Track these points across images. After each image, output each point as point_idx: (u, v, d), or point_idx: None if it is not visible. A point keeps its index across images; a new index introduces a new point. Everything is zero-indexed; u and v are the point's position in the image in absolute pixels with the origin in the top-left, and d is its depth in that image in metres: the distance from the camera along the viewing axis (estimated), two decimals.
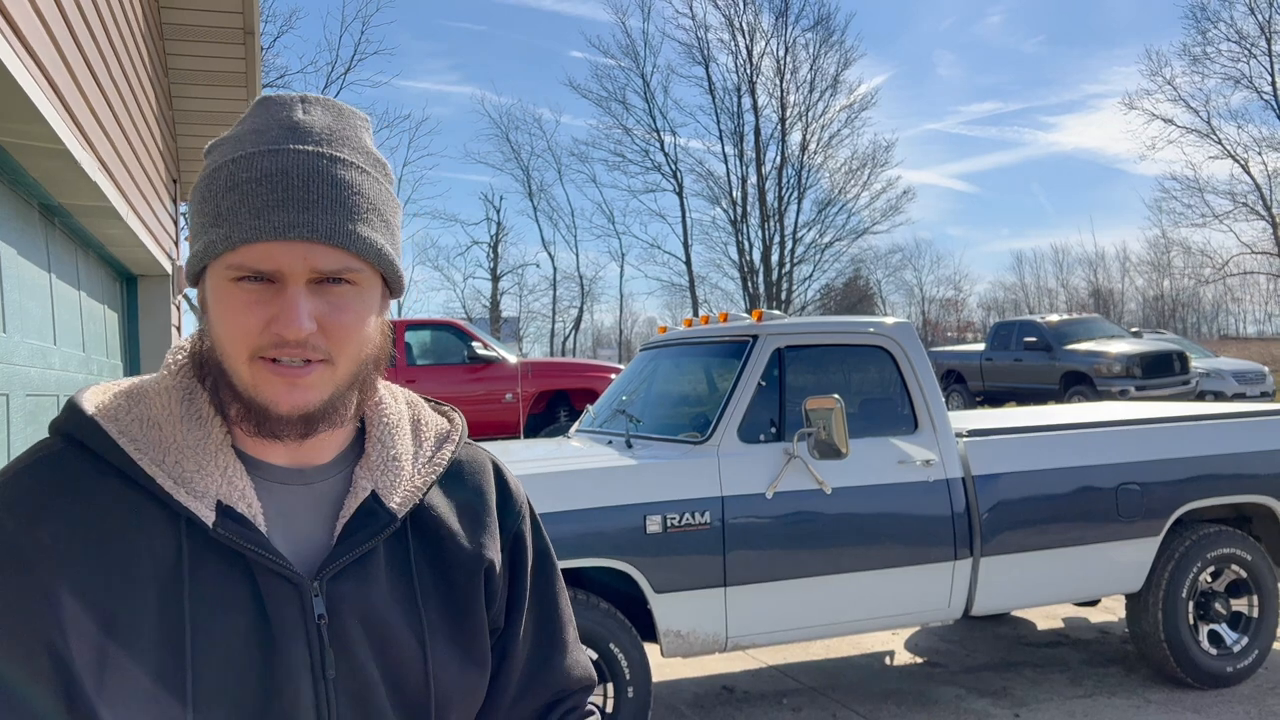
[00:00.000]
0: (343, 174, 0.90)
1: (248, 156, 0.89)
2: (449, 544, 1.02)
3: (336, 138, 0.92)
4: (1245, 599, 4.82)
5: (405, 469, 1.01)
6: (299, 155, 0.89)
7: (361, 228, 0.90)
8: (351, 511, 0.95)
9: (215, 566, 0.88)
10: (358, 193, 0.91)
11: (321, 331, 0.89)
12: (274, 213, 0.86)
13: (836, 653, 5.53)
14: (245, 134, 0.91)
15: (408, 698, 0.96)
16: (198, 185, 0.93)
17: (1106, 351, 16.15)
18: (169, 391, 0.94)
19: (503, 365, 11.59)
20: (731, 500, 3.97)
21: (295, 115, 0.92)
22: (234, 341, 0.88)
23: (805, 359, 4.44)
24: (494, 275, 41.23)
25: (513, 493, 1.11)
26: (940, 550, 4.25)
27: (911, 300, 51.23)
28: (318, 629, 0.90)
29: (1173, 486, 4.64)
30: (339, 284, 0.90)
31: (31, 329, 3.59)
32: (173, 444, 0.90)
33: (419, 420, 1.07)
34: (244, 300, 0.88)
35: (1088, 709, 4.48)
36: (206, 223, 0.89)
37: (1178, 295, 48.26)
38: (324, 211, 0.88)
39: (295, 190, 0.87)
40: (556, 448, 4.70)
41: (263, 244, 0.86)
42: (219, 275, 0.89)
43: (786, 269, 38.66)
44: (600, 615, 3.75)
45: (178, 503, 0.87)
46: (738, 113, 38.41)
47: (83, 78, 3.55)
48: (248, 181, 0.87)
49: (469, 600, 1.02)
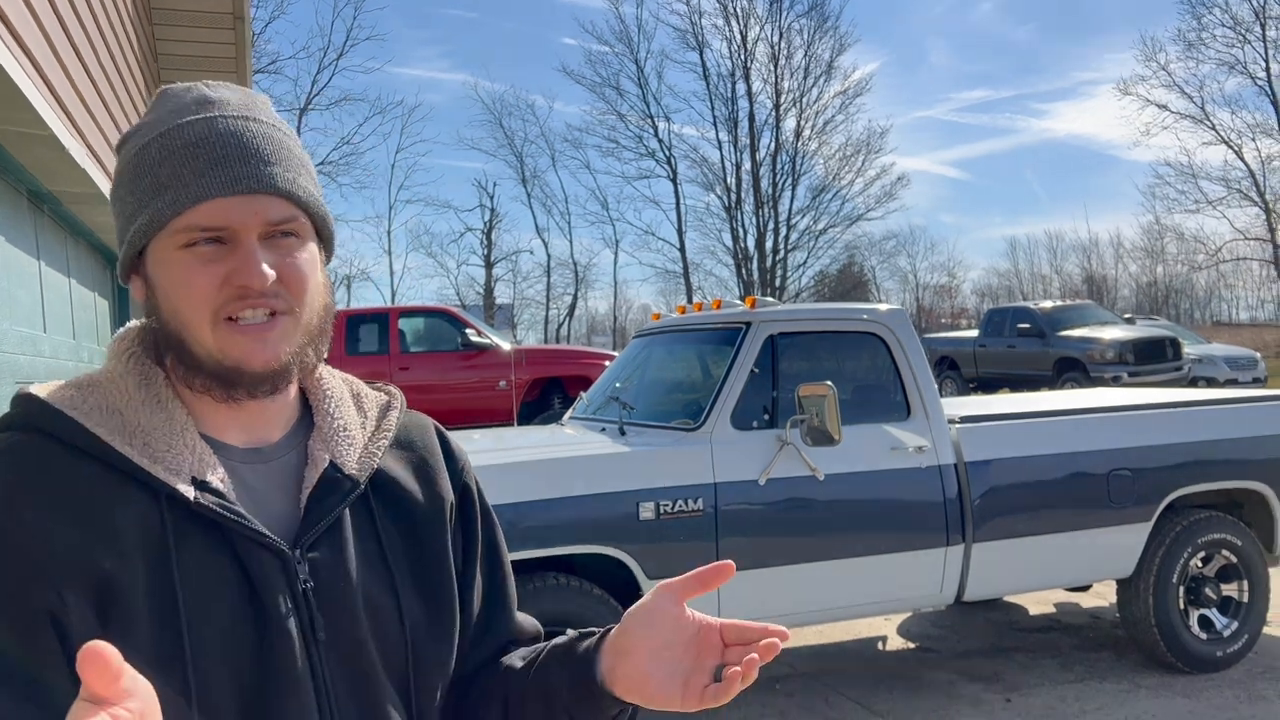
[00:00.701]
0: (269, 133, 0.95)
1: (174, 128, 0.91)
2: (409, 503, 1.05)
3: (249, 106, 0.96)
4: (1235, 584, 4.84)
5: (356, 437, 1.04)
6: (224, 120, 0.92)
7: (298, 178, 0.95)
8: (314, 482, 0.98)
9: (199, 539, 0.89)
10: (284, 148, 0.95)
11: (280, 281, 0.92)
12: (217, 170, 0.89)
13: (830, 638, 5.55)
14: (160, 116, 0.94)
15: (390, 654, 0.99)
16: (122, 173, 0.94)
17: (1099, 338, 16.19)
18: (123, 378, 0.94)
19: (496, 352, 11.59)
20: (724, 487, 3.97)
21: (205, 93, 0.95)
22: (194, 306, 0.90)
23: (798, 346, 4.44)
24: (488, 262, 41.16)
25: (455, 451, 1.15)
26: (933, 536, 4.27)
27: (906, 286, 51.26)
28: (304, 595, 0.93)
29: (1164, 472, 4.66)
30: (285, 237, 0.93)
31: (21, 316, 3.58)
32: (137, 427, 0.91)
33: (358, 394, 1.10)
34: (198, 262, 0.90)
35: (1079, 693, 4.51)
36: (145, 198, 0.91)
37: (1171, 281, 48.37)
38: (262, 163, 0.92)
39: (231, 148, 0.91)
40: (550, 435, 4.70)
41: (211, 201, 0.89)
42: (165, 247, 0.91)
43: (781, 255, 38.66)
44: (594, 601, 3.76)
45: (157, 479, 0.88)
46: (732, 99, 38.35)
47: (71, 65, 3.53)
48: (183, 148, 0.90)
49: (437, 554, 1.06)
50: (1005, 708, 4.37)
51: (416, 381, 11.39)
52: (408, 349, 11.68)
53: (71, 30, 3.54)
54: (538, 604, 3.67)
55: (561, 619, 3.71)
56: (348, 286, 40.85)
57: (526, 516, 3.68)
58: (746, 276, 38.34)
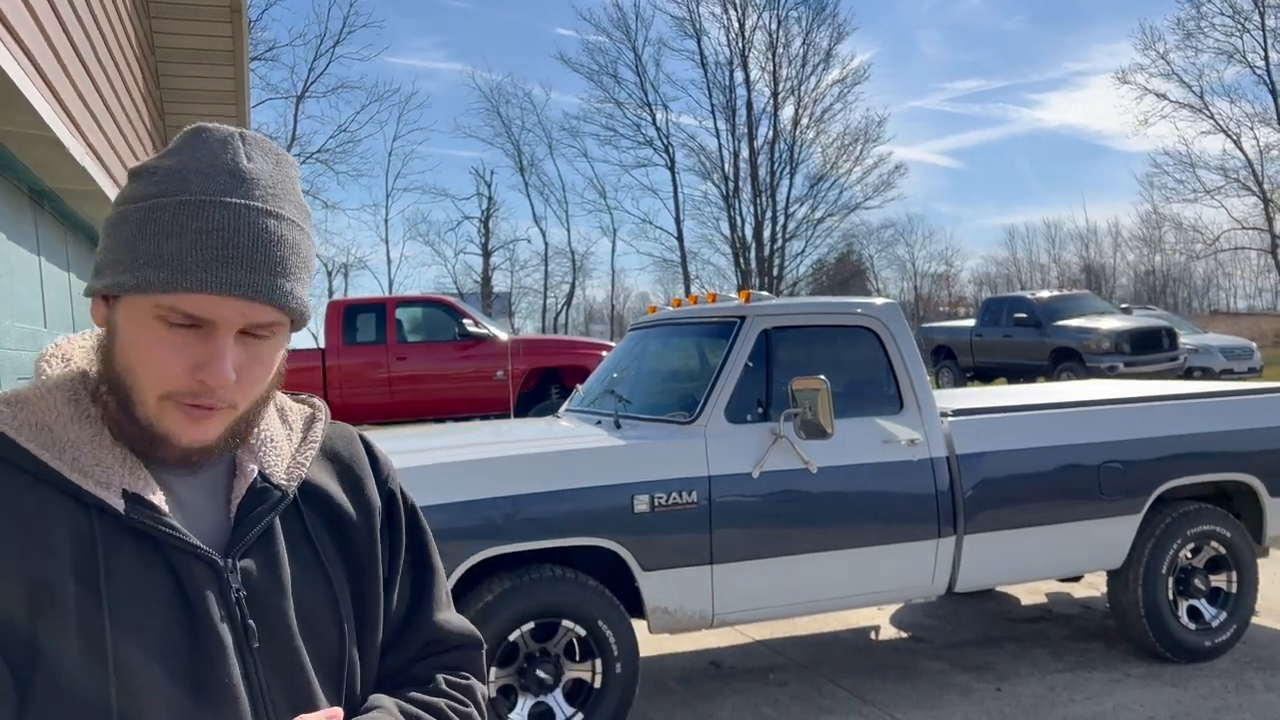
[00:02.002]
0: (285, 233, 0.94)
1: (196, 204, 0.90)
2: (338, 511, 1.09)
3: (278, 190, 0.96)
4: (1224, 575, 4.90)
5: (283, 448, 1.07)
6: (247, 211, 0.92)
7: (296, 287, 0.96)
8: (243, 492, 1.01)
9: (130, 552, 0.91)
10: (295, 251, 0.96)
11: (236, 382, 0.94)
12: (222, 269, 0.89)
13: (823, 628, 5.61)
14: (188, 174, 0.92)
15: (324, 659, 1.02)
16: (127, 213, 0.93)
17: (1096, 328, 16.22)
18: (52, 394, 0.95)
19: (493, 342, 11.61)
20: (718, 480, 4.02)
21: (240, 162, 0.94)
22: (151, 379, 0.92)
23: (792, 340, 4.48)
24: (485, 250, 41.15)
25: (380, 458, 1.18)
26: (924, 528, 4.32)
27: (904, 275, 51.27)
28: (237, 603, 0.95)
29: (1154, 465, 4.71)
30: (259, 338, 0.95)
31: (22, 313, 3.61)
32: (67, 442, 0.92)
33: (283, 408, 1.12)
34: (171, 343, 0.91)
35: (1068, 683, 4.57)
36: (140, 260, 0.91)
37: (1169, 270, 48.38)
38: (267, 273, 0.92)
39: (243, 250, 0.91)
40: (546, 427, 4.74)
41: (205, 295, 0.89)
42: (143, 309, 0.91)
43: (778, 245, 38.66)
44: (588, 593, 3.81)
45: (87, 492, 0.90)
46: (730, 87, 38.30)
47: (70, 64, 3.55)
48: (196, 232, 0.90)
49: (366, 558, 1.09)
50: (996, 697, 4.43)
51: (413, 371, 11.43)
52: (405, 339, 11.71)
53: (70, 28, 3.56)
54: (533, 595, 3.72)
55: (557, 610, 3.77)
56: (345, 275, 40.87)
57: (523, 509, 3.73)
58: (744, 265, 38.33)
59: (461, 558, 3.61)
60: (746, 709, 4.41)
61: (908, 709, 4.32)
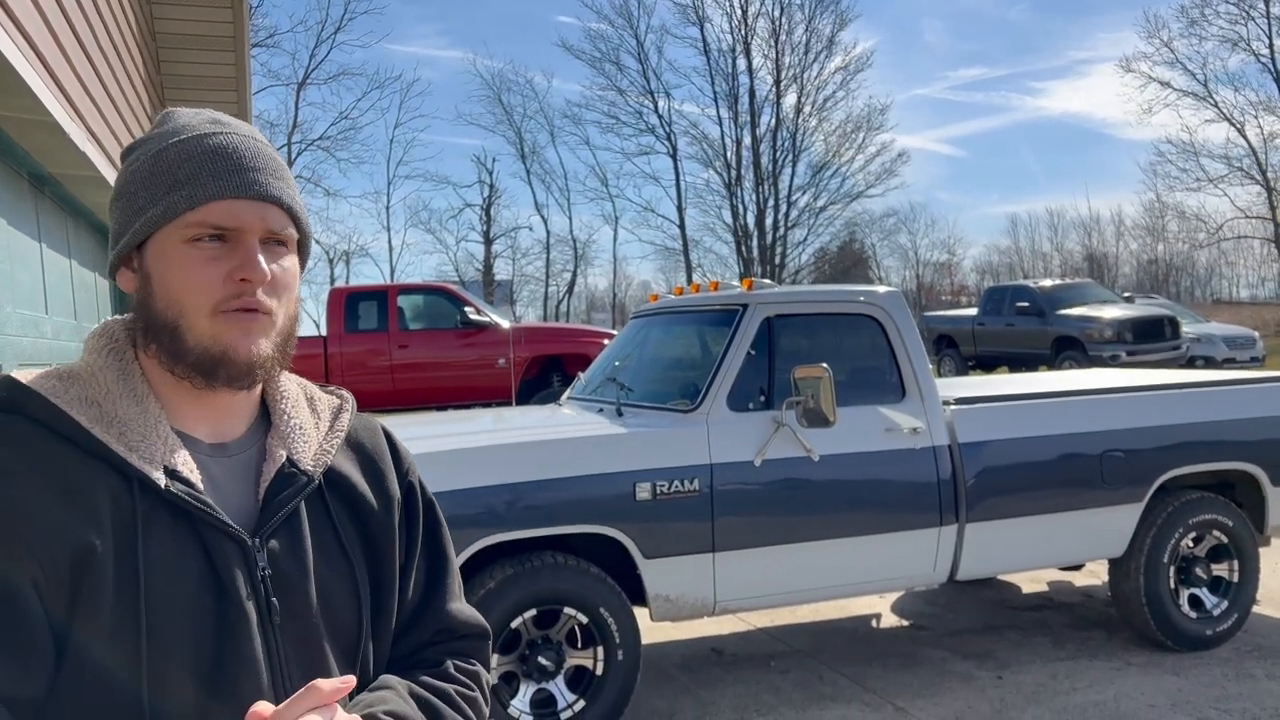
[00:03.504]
0: (274, 155, 1.07)
1: (195, 137, 1.02)
2: (360, 499, 1.14)
3: (255, 133, 1.07)
4: (1226, 564, 4.90)
5: (311, 436, 1.12)
6: (238, 137, 1.04)
7: (296, 195, 1.07)
8: (272, 476, 1.06)
9: (166, 524, 0.96)
10: (286, 170, 1.07)
11: (270, 284, 1.01)
12: (234, 175, 1.00)
13: (824, 616, 5.61)
14: (175, 128, 1.04)
15: (341, 639, 1.07)
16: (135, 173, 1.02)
17: (1098, 317, 16.19)
18: (102, 372, 1.01)
19: (495, 330, 11.61)
20: (720, 468, 4.02)
21: (213, 115, 1.06)
22: (196, 295, 0.98)
23: (795, 328, 4.47)
24: (487, 238, 41.09)
25: (401, 451, 1.24)
26: (926, 516, 4.31)
27: (906, 264, 51.21)
28: (263, 581, 1.00)
29: (1156, 454, 4.70)
30: (277, 245, 1.04)
31: (23, 298, 3.60)
32: (114, 418, 0.97)
33: (312, 398, 1.18)
34: (204, 257, 0.99)
35: (1069, 671, 4.58)
36: (160, 192, 0.99)
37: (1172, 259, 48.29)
38: (272, 177, 1.03)
39: (248, 160, 1.02)
40: (549, 415, 4.74)
41: (225, 201, 0.98)
42: (172, 240, 0.99)
43: (781, 233, 38.58)
44: (590, 580, 3.81)
45: (132, 466, 0.94)
46: (732, 74, 38.15)
47: (70, 48, 3.54)
48: (202, 153, 1.00)
49: (385, 546, 1.15)
50: (997, 685, 4.44)
51: (415, 359, 11.42)
52: (406, 327, 11.70)
53: (70, 12, 3.54)
54: (535, 583, 3.72)
55: (559, 598, 3.77)
56: (347, 262, 40.83)
57: (525, 496, 3.73)
58: (746, 254, 38.27)
59: (464, 545, 3.61)
60: (748, 696, 4.42)
61: (909, 697, 4.33)
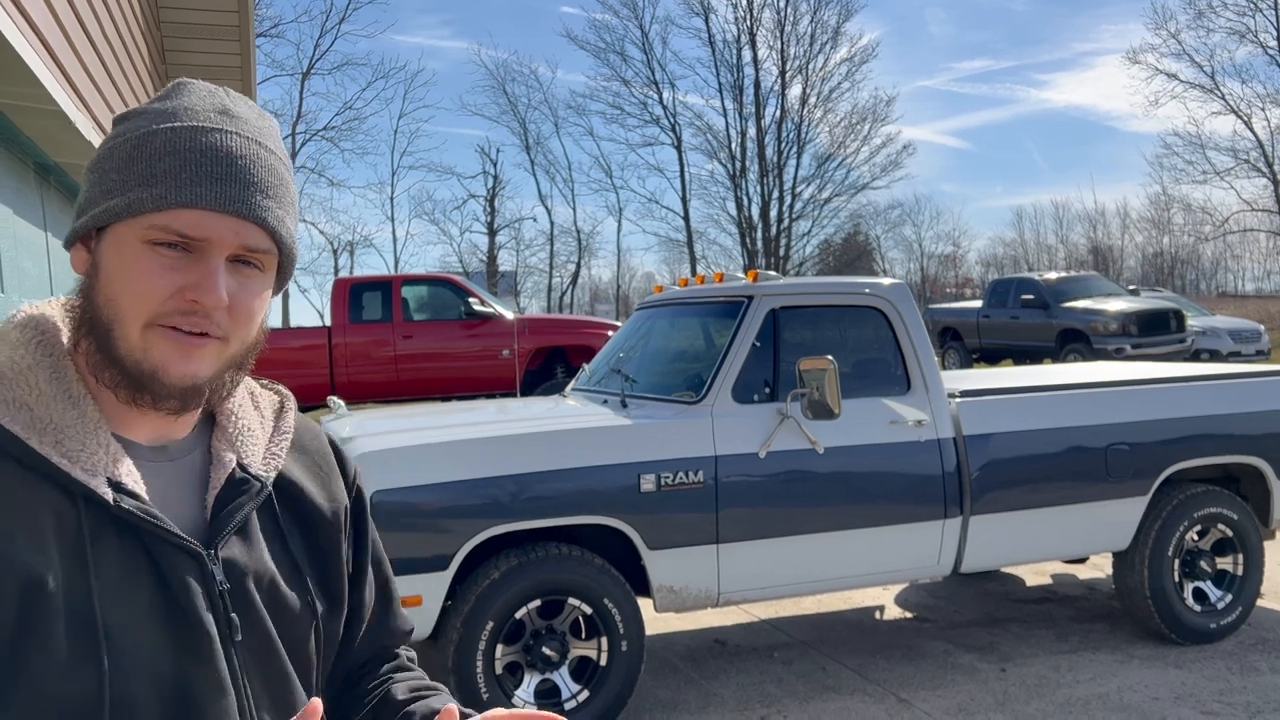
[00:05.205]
0: (275, 165, 0.95)
1: (189, 129, 0.91)
2: (310, 504, 1.07)
3: (264, 131, 0.96)
4: (1230, 557, 4.89)
5: (259, 437, 1.04)
6: (239, 138, 0.92)
7: (287, 218, 0.96)
8: (221, 482, 0.98)
9: (114, 542, 0.87)
10: (285, 186, 0.96)
11: (228, 309, 0.91)
12: (218, 184, 0.89)
13: (827, 607, 5.62)
14: (176, 109, 0.93)
15: (298, 652, 1.01)
16: (116, 148, 0.92)
17: (1103, 309, 16.16)
18: (31, 371, 0.89)
19: (499, 321, 11.61)
20: (725, 459, 4.02)
21: (226, 104, 0.95)
22: (135, 303, 0.88)
23: (799, 320, 4.47)
24: (491, 229, 41.05)
25: (345, 455, 1.17)
26: (931, 509, 4.31)
27: (911, 256, 51.17)
28: (221, 596, 0.93)
29: (1161, 447, 4.70)
30: (249, 266, 0.93)
31: (29, 288, 3.61)
32: (49, 424, 0.87)
33: (253, 392, 1.10)
34: (160, 264, 0.88)
35: (1073, 664, 4.58)
36: (133, 182, 0.89)
37: (1177, 252, 48.22)
38: (261, 194, 0.92)
39: (238, 168, 0.91)
40: (553, 406, 4.74)
41: (198, 210, 0.88)
42: (130, 235, 0.89)
43: (785, 225, 38.51)
44: (595, 571, 3.81)
45: (76, 481, 0.85)
46: (737, 65, 38.08)
47: (76, 38, 3.53)
48: (191, 150, 0.89)
49: (334, 554, 1.09)
50: (1000, 677, 4.44)
51: (420, 350, 11.43)
52: (411, 317, 11.70)
53: (78, 4, 3.54)
54: (540, 573, 3.73)
55: (563, 588, 3.78)
56: (351, 253, 40.85)
57: (530, 487, 3.73)
58: (751, 246, 38.22)
59: (468, 536, 3.62)
60: (751, 687, 4.43)
61: (912, 689, 4.34)
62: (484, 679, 3.66)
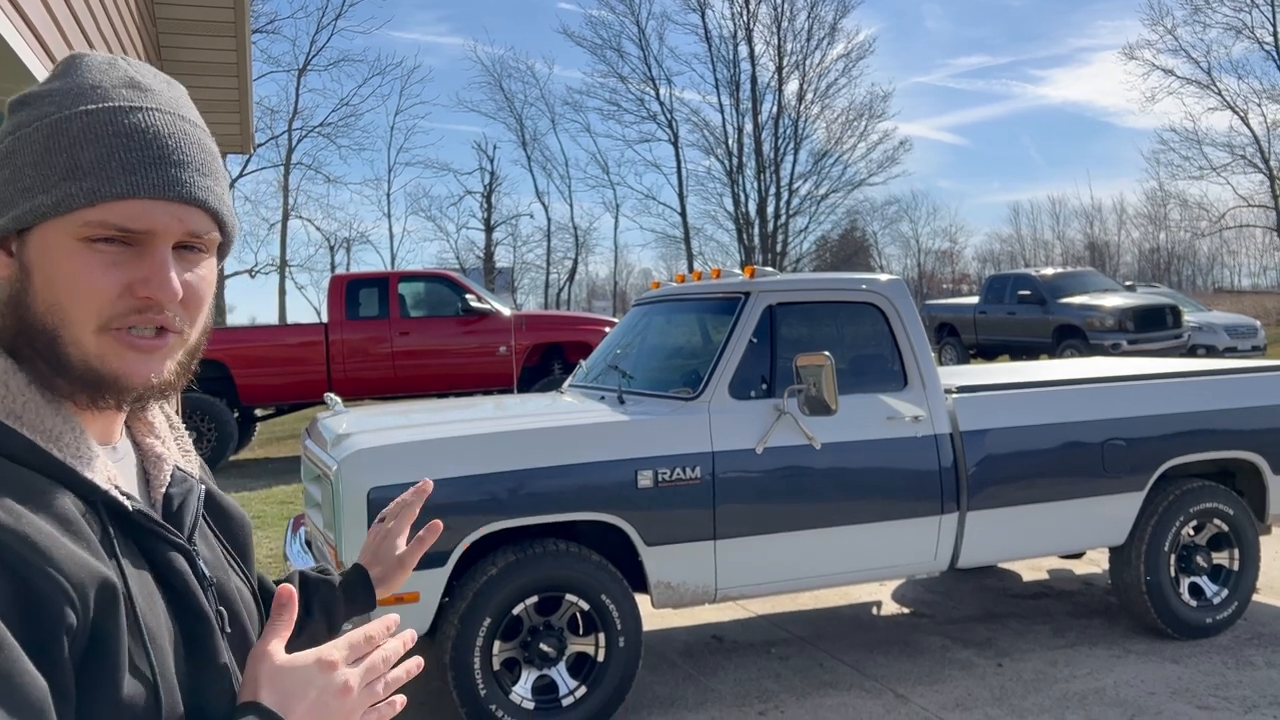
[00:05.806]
0: (201, 139, 0.90)
1: (105, 110, 0.84)
2: (218, 498, 1.06)
3: (179, 102, 0.90)
4: (1226, 552, 4.91)
5: (168, 433, 1.02)
6: (160, 114, 0.86)
7: (224, 194, 0.91)
8: (167, 479, 0.96)
9: (127, 544, 0.86)
10: (213, 158, 0.90)
11: (181, 299, 0.86)
12: (151, 170, 0.83)
13: (825, 603, 5.63)
14: (81, 87, 0.85)
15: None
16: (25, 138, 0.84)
17: (1100, 305, 16.18)
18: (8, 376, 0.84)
19: (496, 318, 11.60)
20: (722, 455, 4.02)
21: (132, 76, 0.88)
22: (82, 306, 0.82)
23: (797, 316, 4.47)
24: (488, 226, 41.02)
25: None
26: (927, 504, 4.32)
27: (908, 252, 51.18)
28: (211, 590, 0.93)
29: (1158, 442, 4.70)
30: (194, 250, 0.88)
31: None
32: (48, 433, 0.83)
33: None
34: (102, 262, 0.82)
35: (1070, 659, 4.59)
36: (55, 177, 0.82)
37: (1174, 248, 48.27)
38: (196, 173, 0.86)
39: (169, 149, 0.85)
40: (550, 403, 4.74)
41: (136, 201, 0.82)
42: (61, 234, 0.82)
43: (782, 221, 38.50)
44: (592, 567, 3.82)
45: (99, 488, 0.83)
46: (734, 61, 38.03)
47: (71, 33, 3.52)
48: (114, 135, 0.83)
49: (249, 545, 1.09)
50: (997, 672, 4.45)
51: (417, 346, 11.42)
52: (407, 314, 11.69)
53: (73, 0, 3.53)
54: (537, 570, 3.73)
55: (561, 584, 3.78)
56: (347, 249, 40.83)
57: (527, 484, 3.73)
58: (748, 242, 38.22)
59: (466, 532, 3.62)
60: (748, 682, 4.43)
61: (909, 684, 4.34)
62: (481, 675, 3.66)
